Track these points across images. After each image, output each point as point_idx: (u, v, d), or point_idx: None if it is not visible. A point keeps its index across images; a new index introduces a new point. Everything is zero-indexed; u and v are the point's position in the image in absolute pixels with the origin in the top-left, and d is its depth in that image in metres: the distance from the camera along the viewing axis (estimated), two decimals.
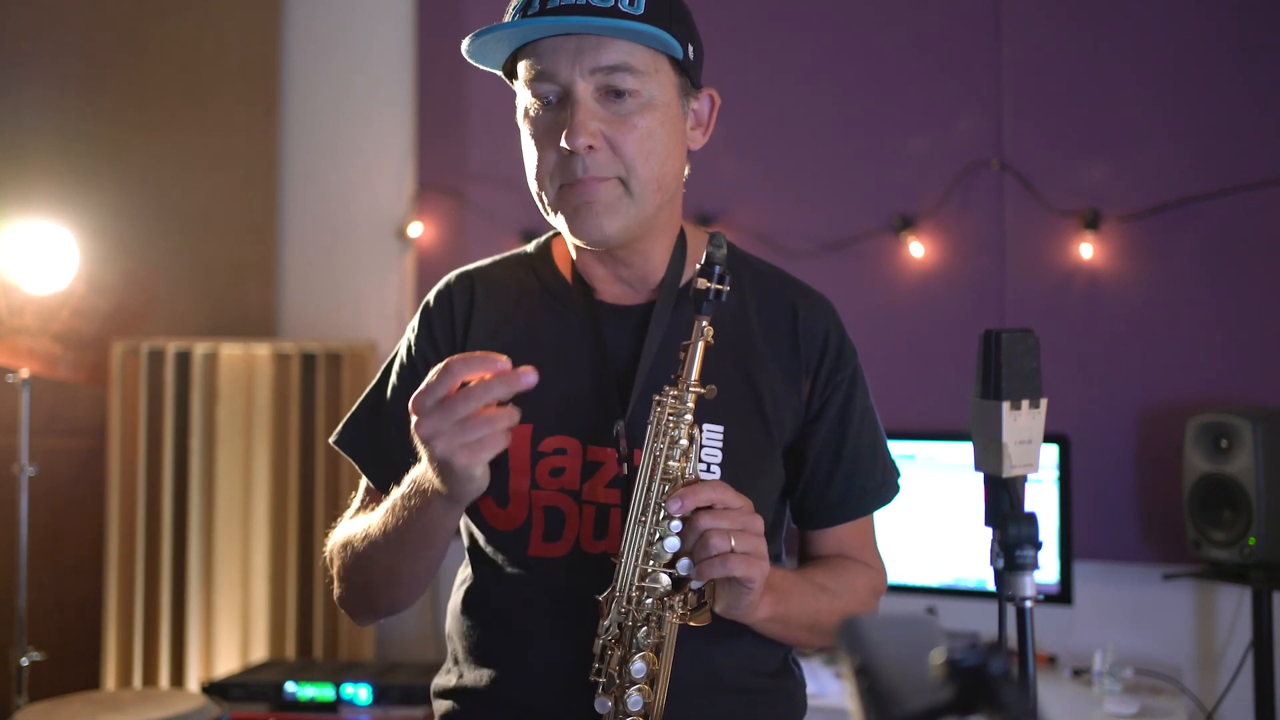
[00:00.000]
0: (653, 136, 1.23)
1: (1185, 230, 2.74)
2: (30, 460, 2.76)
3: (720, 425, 1.28)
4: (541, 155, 1.25)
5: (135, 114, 3.45)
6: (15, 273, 3.07)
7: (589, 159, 1.21)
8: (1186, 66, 2.76)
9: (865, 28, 3.06)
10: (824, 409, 1.34)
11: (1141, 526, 2.77)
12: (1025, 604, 1.07)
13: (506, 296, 1.37)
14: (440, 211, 3.45)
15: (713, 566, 1.11)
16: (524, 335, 1.34)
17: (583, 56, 1.20)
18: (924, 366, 2.90)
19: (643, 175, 1.23)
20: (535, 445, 1.29)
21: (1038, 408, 1.12)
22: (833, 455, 1.35)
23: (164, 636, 3.21)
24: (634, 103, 1.22)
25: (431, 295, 1.41)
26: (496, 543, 1.31)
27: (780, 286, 1.38)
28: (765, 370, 1.32)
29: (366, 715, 2.74)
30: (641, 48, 1.22)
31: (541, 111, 1.25)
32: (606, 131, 1.21)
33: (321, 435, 3.25)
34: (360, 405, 1.42)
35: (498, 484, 1.29)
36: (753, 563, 1.12)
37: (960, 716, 0.57)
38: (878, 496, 1.39)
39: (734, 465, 1.28)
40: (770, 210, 3.10)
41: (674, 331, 1.29)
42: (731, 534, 1.11)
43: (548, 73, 1.22)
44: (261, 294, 3.58)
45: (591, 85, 1.21)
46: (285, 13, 3.64)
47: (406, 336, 1.40)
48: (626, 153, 1.22)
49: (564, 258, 1.38)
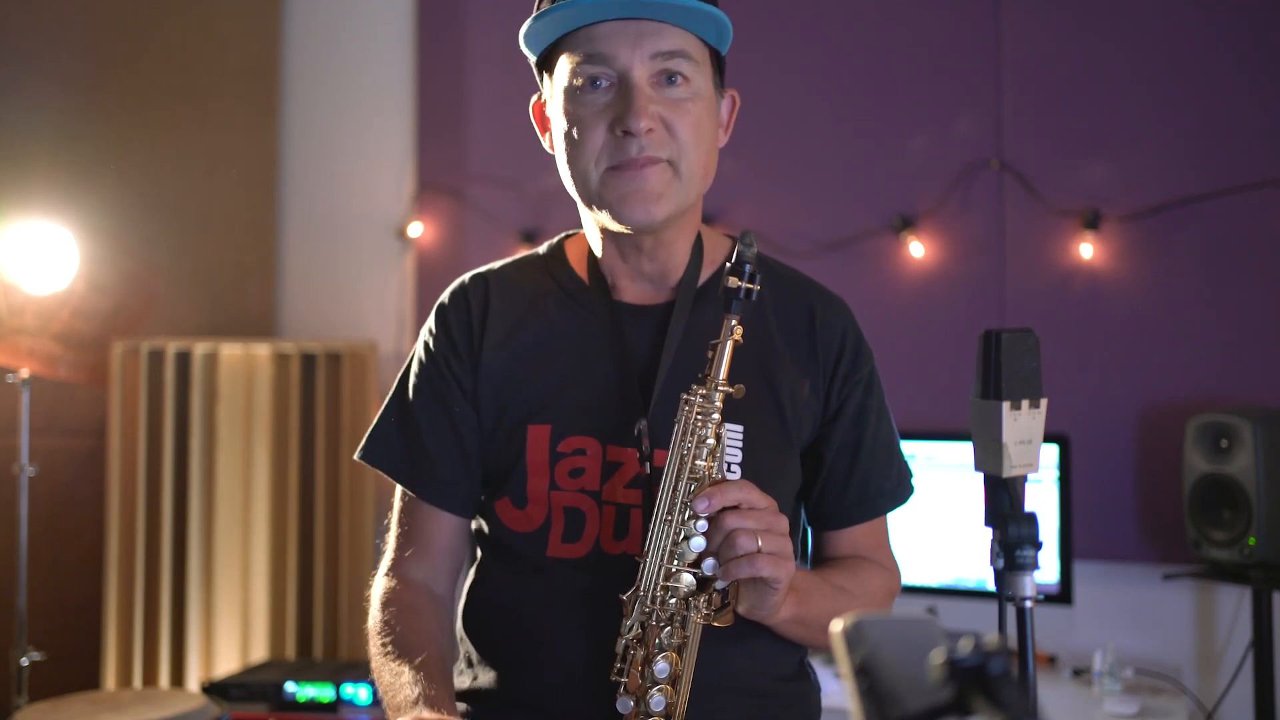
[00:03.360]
0: (701, 125, 1.25)
1: (1185, 230, 2.74)
2: (30, 460, 2.76)
3: (740, 425, 1.28)
4: (587, 137, 1.24)
5: (135, 114, 3.45)
6: (15, 273, 3.06)
7: (646, 140, 1.21)
8: (1186, 66, 2.76)
9: (865, 28, 3.06)
10: (841, 409, 1.34)
11: (1141, 526, 2.77)
12: (1025, 604, 1.07)
13: (521, 297, 1.36)
14: (440, 211, 3.45)
15: (740, 567, 1.11)
16: (540, 336, 1.33)
17: (643, 41, 1.21)
18: (924, 366, 2.90)
19: (692, 160, 1.24)
20: (554, 446, 1.28)
21: (1038, 408, 1.12)
22: (849, 456, 1.35)
23: (164, 636, 3.21)
24: (686, 89, 1.24)
25: (446, 295, 1.39)
26: (514, 544, 1.30)
27: (798, 288, 1.38)
28: (784, 371, 1.32)
29: (366, 715, 2.74)
30: (694, 38, 1.24)
31: (590, 93, 1.24)
32: (663, 114, 1.22)
33: (322, 435, 3.25)
34: (383, 417, 1.39)
35: (516, 485, 1.29)
36: (779, 563, 1.12)
37: (960, 716, 0.57)
38: (893, 497, 1.38)
39: (754, 465, 1.28)
40: (770, 210, 3.10)
41: (692, 331, 1.29)
42: (758, 534, 1.11)
43: (603, 56, 1.22)
44: (261, 294, 3.58)
45: (648, 71, 1.22)
46: (285, 13, 3.64)
47: (423, 338, 1.39)
48: (680, 136, 1.23)
49: (579, 258, 1.38)
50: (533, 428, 1.29)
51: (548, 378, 1.31)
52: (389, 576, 1.36)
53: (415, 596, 1.33)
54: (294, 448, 3.25)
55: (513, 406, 1.31)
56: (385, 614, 1.31)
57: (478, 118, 3.42)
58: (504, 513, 1.30)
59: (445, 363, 1.34)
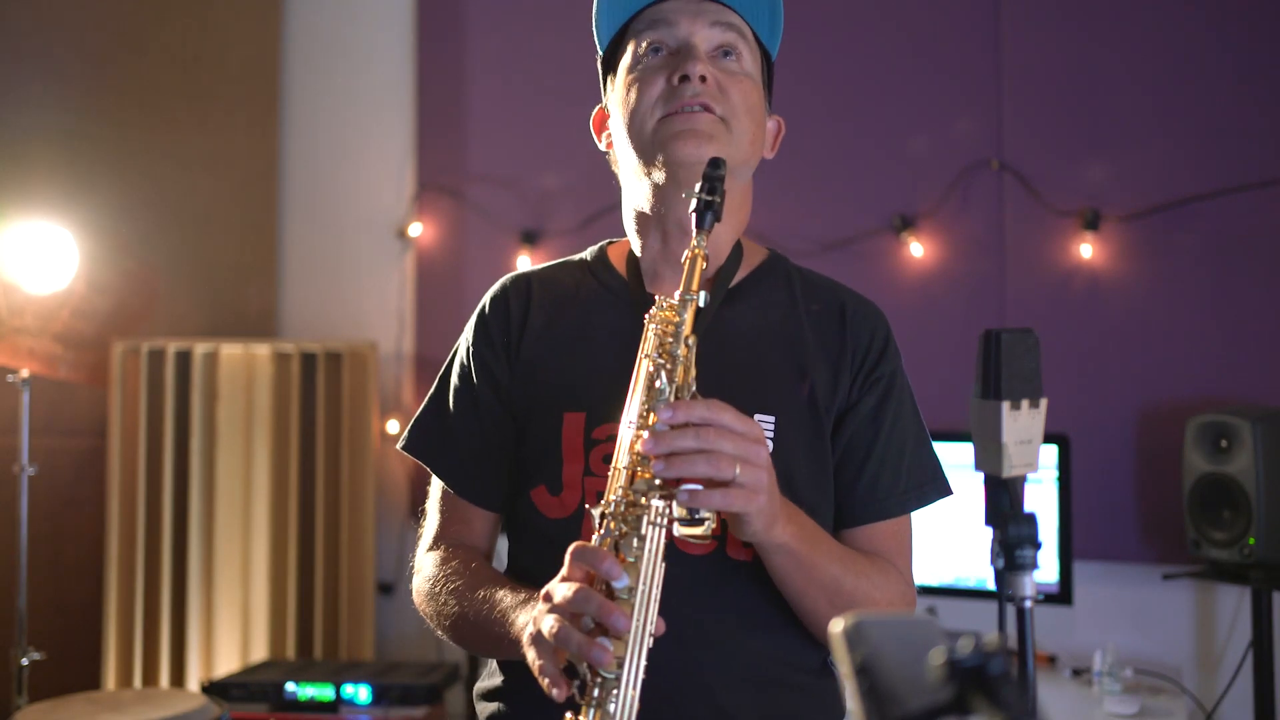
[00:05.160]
0: (751, 100, 1.33)
1: (1185, 230, 2.75)
2: (30, 460, 2.76)
3: (771, 415, 1.29)
4: (646, 90, 1.31)
5: (135, 114, 3.45)
6: (15, 273, 3.07)
7: (701, 88, 1.28)
8: (1186, 66, 2.76)
9: (865, 28, 3.06)
10: (858, 405, 1.34)
11: (1141, 526, 2.77)
12: (1025, 604, 1.07)
13: (563, 293, 1.41)
14: (440, 211, 3.45)
15: (709, 498, 1.07)
16: (578, 327, 1.37)
17: (704, 13, 1.31)
18: (924, 366, 2.90)
19: (743, 124, 1.31)
20: (589, 432, 1.30)
21: (1038, 408, 1.12)
22: (861, 453, 1.34)
23: (164, 636, 3.21)
24: (740, 66, 1.32)
25: (486, 299, 1.43)
26: (548, 533, 1.29)
27: (831, 291, 1.41)
28: (814, 363, 1.34)
29: (366, 715, 2.74)
30: (750, 33, 1.34)
31: (651, 58, 1.32)
32: (718, 76, 1.30)
33: (322, 435, 3.25)
34: (424, 411, 1.44)
35: (551, 472, 1.30)
36: (750, 496, 1.09)
37: (960, 716, 0.57)
38: (902, 501, 1.36)
39: (785, 455, 1.28)
40: (770, 210, 3.09)
41: (721, 325, 1.32)
42: (736, 461, 1.08)
43: (666, 24, 1.31)
44: (261, 294, 3.58)
45: (706, 42, 1.31)
46: (285, 13, 3.64)
47: (464, 338, 1.43)
48: (733, 98, 1.30)
49: (620, 259, 1.42)
50: (568, 415, 1.31)
51: (584, 367, 1.34)
52: (435, 548, 1.39)
53: (468, 552, 1.36)
54: (294, 448, 3.25)
55: (549, 394, 1.34)
56: (446, 566, 1.33)
57: (478, 118, 3.42)
58: (539, 499, 1.31)
59: (482, 363, 1.38)
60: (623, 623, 1.04)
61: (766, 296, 1.38)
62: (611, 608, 1.04)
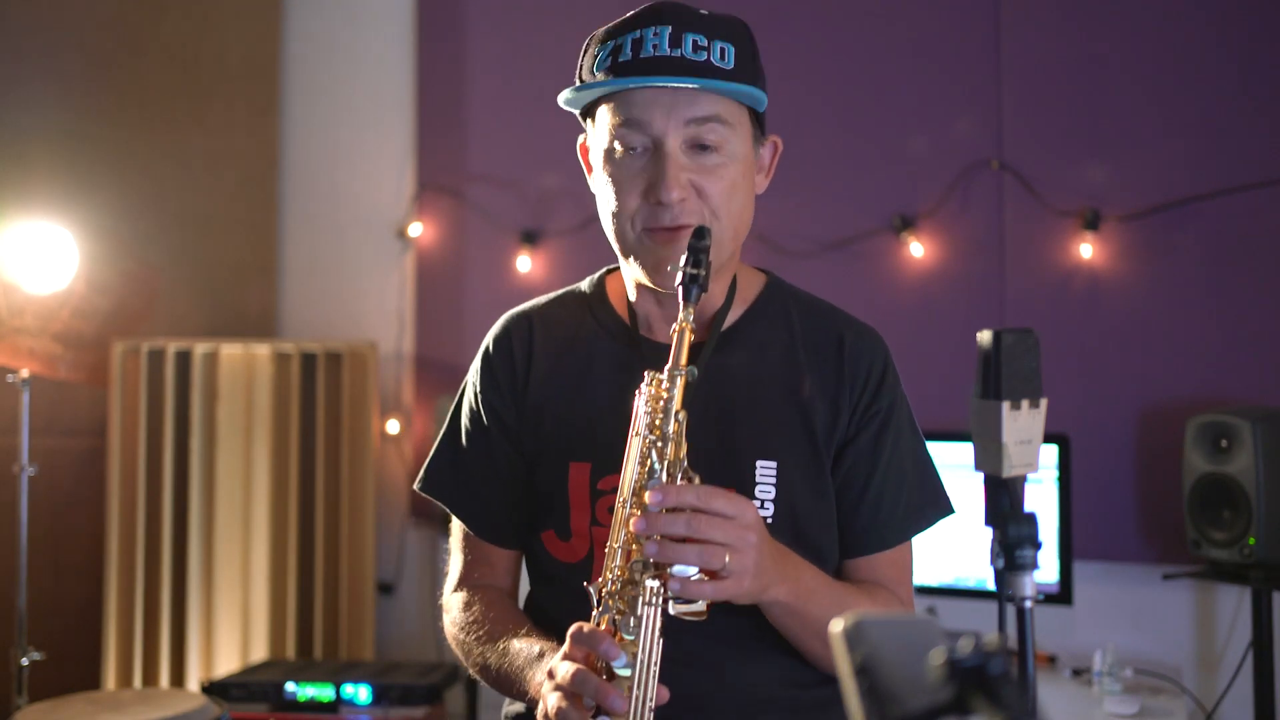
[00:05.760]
0: (735, 188, 1.29)
1: (1185, 230, 2.74)
2: (30, 460, 2.75)
3: (774, 461, 1.30)
4: (624, 200, 1.29)
5: (135, 114, 3.45)
6: (15, 273, 3.06)
7: (679, 209, 1.26)
8: (1186, 66, 2.76)
9: (865, 28, 3.06)
10: (856, 437, 1.35)
11: (1141, 526, 2.77)
12: (1025, 604, 1.07)
13: (565, 334, 1.40)
14: (440, 211, 3.45)
15: (702, 588, 1.11)
16: (580, 373, 1.37)
17: (677, 109, 1.25)
18: (924, 367, 2.90)
19: (724, 224, 1.28)
20: (594, 484, 1.31)
21: (1038, 408, 1.12)
22: (860, 485, 1.35)
23: (164, 636, 3.21)
24: (719, 156, 1.28)
25: (490, 339, 1.43)
26: (560, 573, 1.33)
27: (828, 319, 1.40)
28: (812, 399, 1.33)
29: (366, 715, 2.74)
30: (730, 101, 1.28)
31: (627, 158, 1.29)
32: (695, 180, 1.26)
33: (322, 435, 3.25)
34: (439, 452, 1.45)
35: (559, 519, 1.33)
36: (739, 582, 1.11)
37: (960, 716, 0.57)
38: (901, 530, 1.37)
39: (790, 498, 1.29)
40: (770, 210, 3.08)
41: (716, 372, 1.31)
42: (727, 551, 1.10)
43: (639, 122, 1.26)
44: (261, 294, 3.58)
45: (682, 138, 1.26)
46: (285, 13, 3.64)
47: (470, 380, 1.43)
48: (712, 201, 1.27)
49: (619, 296, 1.41)
50: (574, 465, 1.33)
51: (587, 415, 1.35)
52: (460, 590, 1.42)
53: (492, 594, 1.40)
54: (294, 448, 3.25)
55: (555, 442, 1.36)
56: (469, 613, 1.37)
57: (478, 118, 3.42)
58: (550, 543, 1.34)
59: (490, 407, 1.39)
60: (619, 704, 1.08)
61: (764, 336, 1.37)
62: (608, 690, 1.08)
